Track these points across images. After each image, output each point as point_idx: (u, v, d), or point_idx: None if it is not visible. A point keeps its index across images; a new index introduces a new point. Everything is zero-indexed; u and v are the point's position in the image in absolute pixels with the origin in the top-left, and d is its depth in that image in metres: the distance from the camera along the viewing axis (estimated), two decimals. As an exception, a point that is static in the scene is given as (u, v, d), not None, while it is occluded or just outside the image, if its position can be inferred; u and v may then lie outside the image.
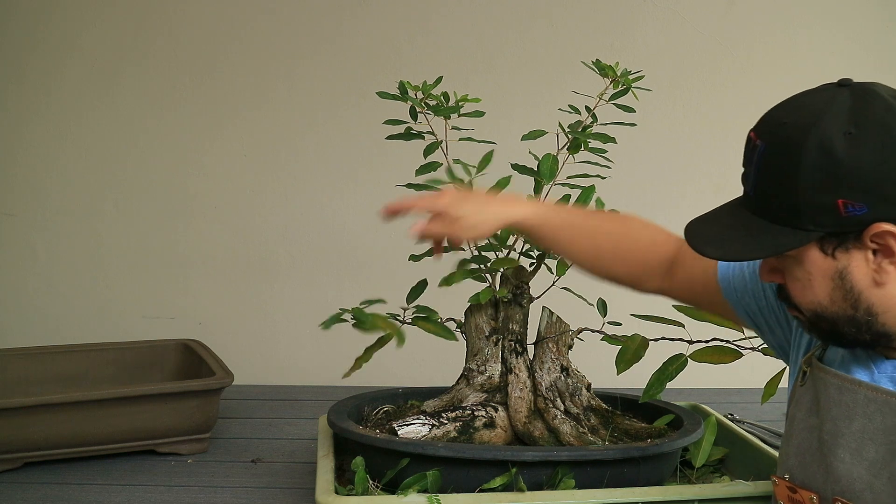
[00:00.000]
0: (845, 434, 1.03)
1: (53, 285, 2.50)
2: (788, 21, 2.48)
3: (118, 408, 1.69)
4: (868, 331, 1.02)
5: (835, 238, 0.99)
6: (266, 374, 2.39)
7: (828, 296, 1.02)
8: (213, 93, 2.46)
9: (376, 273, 2.44)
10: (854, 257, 0.99)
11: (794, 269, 1.04)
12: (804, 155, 0.97)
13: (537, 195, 1.58)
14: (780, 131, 1.00)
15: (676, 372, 1.43)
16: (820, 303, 1.03)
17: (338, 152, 2.47)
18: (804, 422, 1.10)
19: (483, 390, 1.56)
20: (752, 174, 1.03)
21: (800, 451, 1.10)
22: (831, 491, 1.04)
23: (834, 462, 1.04)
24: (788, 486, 1.11)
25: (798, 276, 1.04)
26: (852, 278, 1.00)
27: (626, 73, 1.60)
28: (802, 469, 1.09)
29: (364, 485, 1.41)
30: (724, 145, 2.48)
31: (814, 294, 1.03)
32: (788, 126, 1.00)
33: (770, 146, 1.01)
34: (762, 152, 1.02)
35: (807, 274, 1.02)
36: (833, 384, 1.06)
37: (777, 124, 1.02)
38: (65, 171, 2.48)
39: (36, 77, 2.46)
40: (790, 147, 0.98)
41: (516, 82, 2.45)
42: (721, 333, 1.45)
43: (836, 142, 0.95)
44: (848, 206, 0.96)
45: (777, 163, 1.00)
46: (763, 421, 2.00)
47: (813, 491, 1.07)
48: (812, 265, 1.01)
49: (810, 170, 0.96)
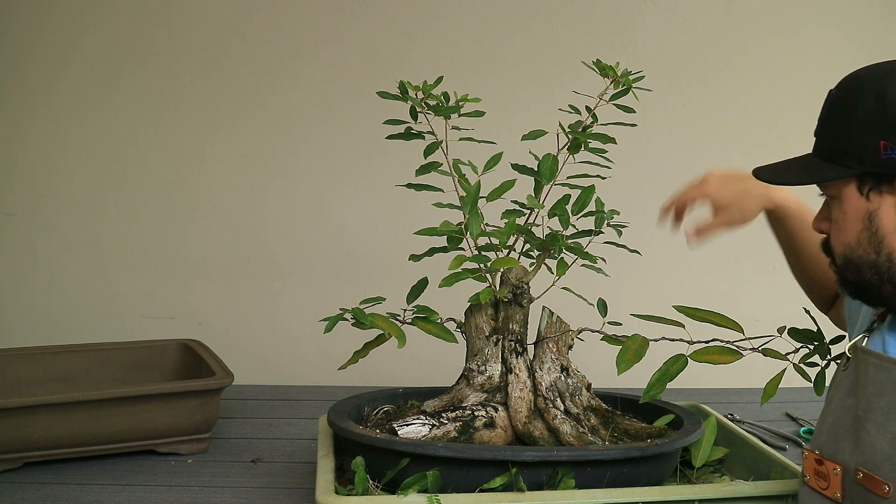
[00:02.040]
0: (875, 409, 1.08)
1: (53, 285, 2.50)
2: (788, 21, 2.48)
3: (118, 408, 1.69)
4: (889, 280, 1.10)
5: (871, 178, 1.09)
6: (266, 374, 2.39)
7: (856, 237, 1.12)
8: (213, 93, 2.46)
9: (376, 273, 2.45)
10: (885, 201, 1.09)
11: (836, 212, 1.15)
12: (863, 98, 1.09)
13: (537, 195, 1.58)
14: (851, 81, 1.14)
15: (677, 372, 1.42)
16: (849, 244, 1.13)
17: (338, 152, 2.47)
18: (842, 402, 1.15)
19: (483, 390, 1.55)
20: (820, 116, 1.16)
21: (833, 429, 1.14)
22: (855, 462, 1.08)
23: (862, 434, 1.08)
24: (816, 458, 1.16)
25: (836, 218, 1.15)
26: (879, 221, 1.10)
27: (626, 73, 1.59)
28: (833, 444, 1.13)
29: (364, 485, 1.41)
30: (724, 145, 2.49)
31: (845, 235, 1.13)
32: (860, 77, 1.13)
33: (839, 92, 1.14)
34: (832, 98, 1.15)
35: (843, 214, 1.13)
36: (872, 363, 1.12)
37: (853, 77, 1.15)
38: (65, 171, 2.48)
39: (36, 77, 2.46)
40: (853, 91, 1.11)
41: (516, 82, 2.45)
42: (721, 334, 1.45)
43: (889, 90, 1.08)
44: (888, 148, 1.06)
45: (839, 105, 1.12)
46: (763, 421, 2.00)
47: (838, 463, 1.11)
48: (848, 204, 1.12)
49: (863, 111, 1.08)
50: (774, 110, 2.49)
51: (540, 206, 1.57)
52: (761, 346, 1.44)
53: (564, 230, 1.56)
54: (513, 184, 1.57)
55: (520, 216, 1.59)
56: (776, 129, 2.49)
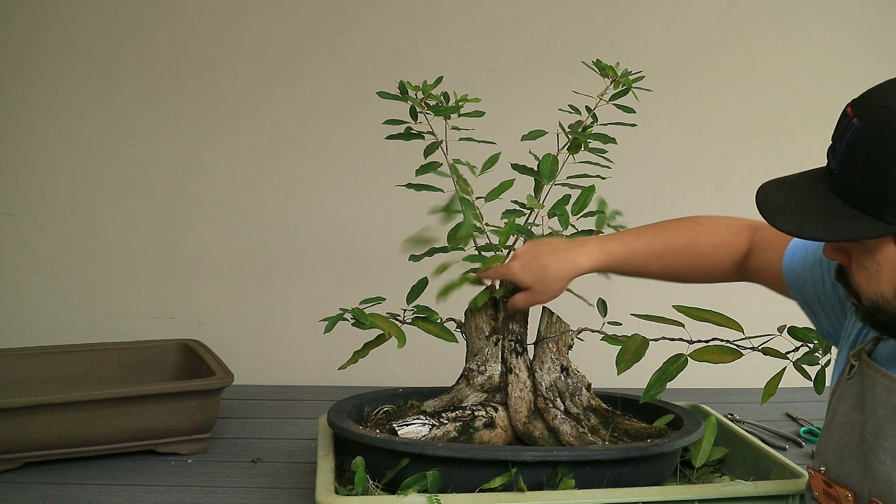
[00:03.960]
0: (889, 436, 1.02)
1: (53, 285, 2.50)
2: (788, 21, 2.48)
3: (118, 408, 1.69)
4: None
5: None
6: (266, 374, 2.39)
7: (893, 288, 1.00)
8: (213, 93, 2.46)
9: (376, 273, 2.45)
10: None
11: (864, 258, 1.02)
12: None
13: (537, 195, 1.58)
14: (881, 115, 0.95)
15: (677, 372, 1.42)
16: (883, 295, 1.01)
17: (338, 152, 2.47)
18: (847, 416, 1.09)
19: (483, 390, 1.56)
20: (842, 152, 0.98)
21: (839, 446, 1.09)
22: (868, 491, 1.03)
23: (874, 463, 1.03)
24: (824, 479, 1.10)
25: (866, 266, 1.02)
26: None
27: (626, 73, 1.60)
28: (839, 464, 1.08)
29: (364, 485, 1.41)
30: (724, 145, 2.48)
31: (878, 286, 1.01)
32: (891, 110, 0.95)
33: (868, 128, 0.96)
34: (857, 131, 0.97)
35: (876, 265, 1.00)
36: (881, 384, 1.05)
37: (879, 107, 0.96)
38: (65, 170, 2.48)
39: (36, 77, 2.46)
40: (889, 133, 0.94)
41: (516, 82, 2.45)
42: (721, 333, 1.45)
43: None
44: None
45: (872, 146, 0.95)
46: (763, 421, 2.00)
47: (848, 488, 1.06)
48: (885, 258, 1.00)
49: None
50: (774, 110, 2.49)
51: (540, 206, 1.57)
52: (761, 346, 1.44)
53: (564, 230, 1.56)
54: (511, 183, 1.57)
55: (520, 216, 1.59)
56: (776, 128, 2.49)
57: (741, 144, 2.48)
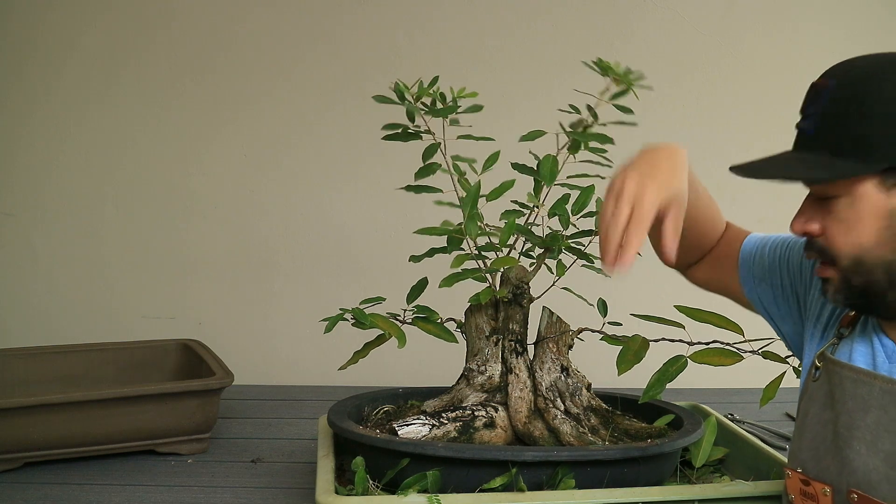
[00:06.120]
0: (861, 426, 1.03)
1: (53, 285, 2.50)
2: (788, 21, 2.48)
3: (118, 408, 1.69)
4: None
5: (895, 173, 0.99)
6: (266, 374, 2.39)
7: (874, 236, 1.01)
8: (213, 93, 2.46)
9: (376, 273, 2.44)
10: None
11: (842, 209, 1.03)
12: (885, 84, 0.99)
13: (537, 195, 1.58)
14: (853, 73, 1.02)
15: (677, 373, 1.43)
16: (862, 245, 1.02)
17: (338, 152, 2.47)
18: (818, 416, 1.10)
19: (483, 390, 1.55)
20: (818, 112, 1.04)
21: (813, 445, 1.10)
22: (846, 483, 1.04)
23: (850, 454, 1.04)
24: (801, 478, 1.11)
25: (844, 217, 1.03)
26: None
27: (627, 72, 1.59)
28: (816, 462, 1.09)
29: (364, 485, 1.41)
30: (724, 145, 2.48)
31: (858, 235, 1.02)
32: (860, 68, 1.02)
33: (843, 81, 1.02)
34: (832, 88, 1.03)
35: (856, 213, 1.02)
36: (848, 377, 1.06)
37: (849, 66, 1.04)
38: (65, 171, 2.48)
39: (36, 77, 2.46)
40: (868, 78, 1.00)
41: (516, 82, 2.45)
42: (722, 336, 1.45)
43: None
44: None
45: (849, 96, 1.01)
46: (763, 421, 2.00)
47: (826, 483, 1.07)
48: (864, 202, 1.01)
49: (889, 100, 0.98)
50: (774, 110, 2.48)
51: (539, 203, 1.57)
52: (761, 349, 1.44)
53: (564, 230, 1.56)
54: (512, 184, 1.57)
55: (520, 216, 1.59)
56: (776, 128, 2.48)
57: (741, 144, 2.48)
